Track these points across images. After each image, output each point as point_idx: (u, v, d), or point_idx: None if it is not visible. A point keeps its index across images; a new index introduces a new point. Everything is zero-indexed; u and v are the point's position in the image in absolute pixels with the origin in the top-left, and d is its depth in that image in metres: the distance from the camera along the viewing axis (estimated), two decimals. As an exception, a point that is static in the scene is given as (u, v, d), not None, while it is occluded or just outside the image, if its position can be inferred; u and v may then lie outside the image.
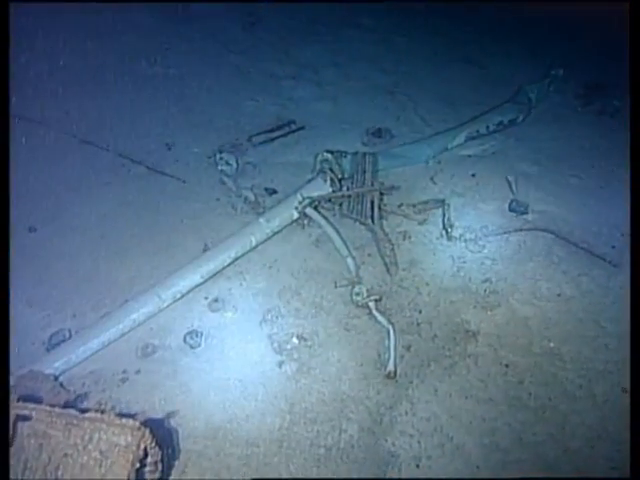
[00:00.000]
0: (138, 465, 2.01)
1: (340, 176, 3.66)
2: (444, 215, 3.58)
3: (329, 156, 3.70)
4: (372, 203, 3.46)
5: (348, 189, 3.54)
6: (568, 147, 4.30)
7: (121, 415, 2.10)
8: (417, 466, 2.45)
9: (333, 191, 3.54)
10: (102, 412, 2.11)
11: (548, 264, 3.32)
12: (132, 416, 2.14)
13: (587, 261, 3.32)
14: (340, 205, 3.57)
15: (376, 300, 3.04)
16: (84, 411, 2.12)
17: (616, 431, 2.54)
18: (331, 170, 3.58)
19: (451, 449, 2.51)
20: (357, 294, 3.08)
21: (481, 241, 3.46)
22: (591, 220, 3.60)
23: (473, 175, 3.99)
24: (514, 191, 3.80)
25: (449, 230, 3.50)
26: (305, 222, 3.51)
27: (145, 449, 2.04)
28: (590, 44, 5.62)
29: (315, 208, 3.48)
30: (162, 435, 2.31)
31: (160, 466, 2.13)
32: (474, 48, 5.67)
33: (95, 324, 2.84)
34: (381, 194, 3.58)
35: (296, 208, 3.40)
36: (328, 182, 3.55)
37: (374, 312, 3.01)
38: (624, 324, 2.93)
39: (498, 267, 3.31)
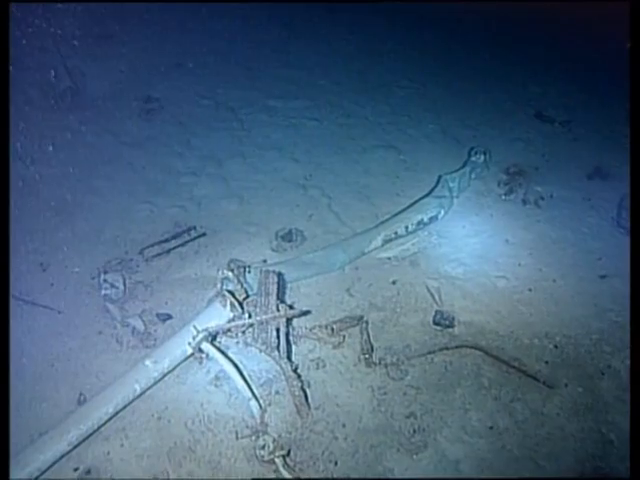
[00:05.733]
0: None
1: (243, 296, 3.48)
2: (362, 335, 3.45)
3: (229, 274, 3.53)
4: (278, 331, 3.29)
5: (250, 315, 3.36)
6: (493, 242, 4.32)
7: None
8: None
9: (234, 317, 3.35)
10: None
11: (478, 389, 3.22)
12: None
13: (520, 382, 3.24)
14: (243, 332, 3.38)
15: (283, 455, 2.81)
16: None
17: None
18: (231, 293, 3.40)
19: None
20: (262, 447, 2.84)
21: (403, 365, 3.33)
22: (521, 331, 3.55)
23: (393, 282, 3.92)
24: (437, 301, 3.74)
25: (368, 354, 3.36)
26: (202, 356, 3.28)
27: None
28: (509, 126, 5.86)
29: (213, 341, 3.26)
30: None
31: None
32: (391, 131, 5.77)
33: None
34: (288, 319, 3.41)
35: (189, 343, 3.17)
36: (228, 307, 3.35)
37: (281, 470, 2.77)
38: (563, 460, 2.85)
39: (423, 397, 3.17)
